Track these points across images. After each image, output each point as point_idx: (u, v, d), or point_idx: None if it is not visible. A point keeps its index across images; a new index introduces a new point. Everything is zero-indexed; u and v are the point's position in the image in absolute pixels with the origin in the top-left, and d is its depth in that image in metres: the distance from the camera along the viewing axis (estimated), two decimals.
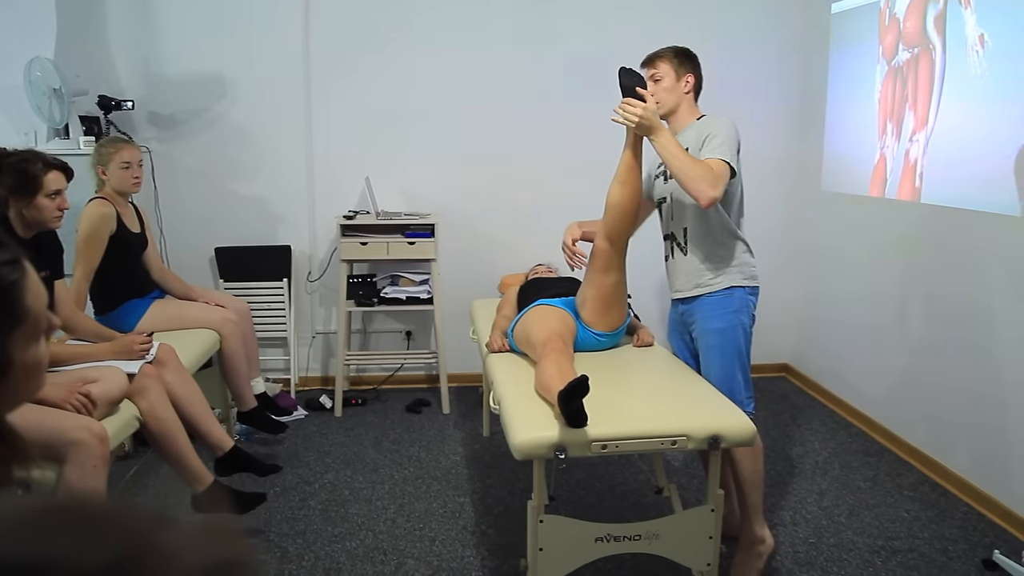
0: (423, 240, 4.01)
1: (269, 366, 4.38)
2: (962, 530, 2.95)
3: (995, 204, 3.00)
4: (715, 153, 2.38)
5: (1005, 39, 2.95)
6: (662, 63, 2.58)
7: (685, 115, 2.60)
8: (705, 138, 2.44)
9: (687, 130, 2.57)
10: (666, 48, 2.63)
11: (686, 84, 2.59)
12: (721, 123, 2.47)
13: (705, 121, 2.56)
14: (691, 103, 2.63)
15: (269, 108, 4.22)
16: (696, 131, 2.52)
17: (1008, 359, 2.88)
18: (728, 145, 2.40)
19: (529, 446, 2.03)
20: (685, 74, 2.59)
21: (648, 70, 2.60)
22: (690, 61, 2.61)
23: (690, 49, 2.64)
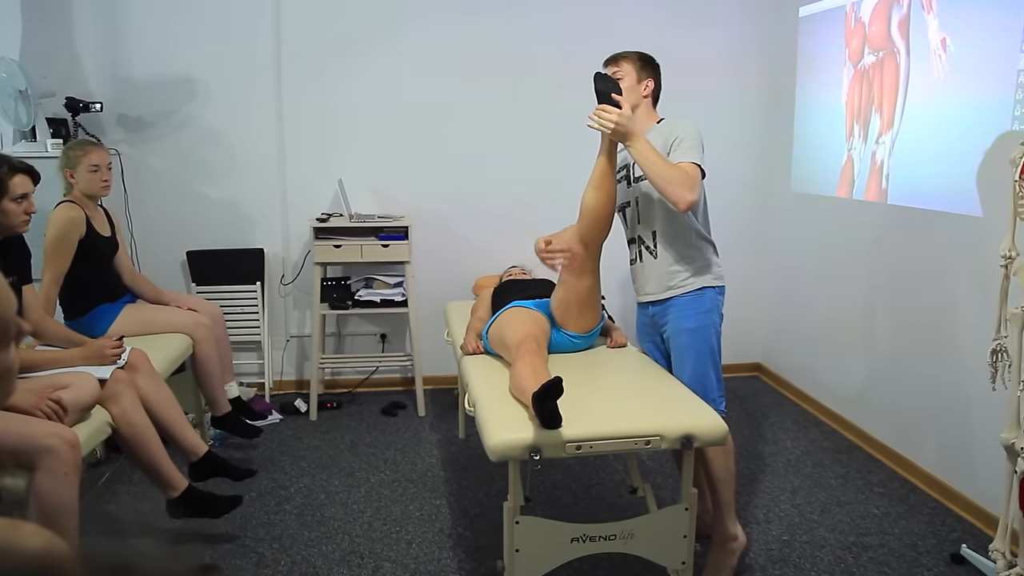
0: (397, 242, 4.01)
1: (243, 370, 4.35)
2: (931, 525, 3.00)
3: (959, 205, 3.06)
4: (686, 157, 2.41)
5: (966, 43, 3.02)
6: (625, 63, 2.61)
7: (644, 118, 2.61)
8: (672, 142, 2.46)
9: (647, 133, 2.55)
10: (630, 51, 2.66)
11: (646, 87, 2.62)
12: (685, 126, 2.49)
13: (667, 125, 2.58)
14: (649, 107, 2.65)
15: (240, 110, 4.19)
16: (659, 135, 2.53)
17: (970, 357, 2.93)
18: (696, 148, 2.43)
19: (504, 448, 2.04)
20: (646, 78, 2.62)
21: (610, 68, 2.62)
22: (652, 67, 2.64)
23: (652, 56, 2.67)
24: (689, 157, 2.40)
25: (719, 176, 4.43)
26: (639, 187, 2.60)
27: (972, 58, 2.99)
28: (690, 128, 2.48)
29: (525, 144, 4.41)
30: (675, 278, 2.58)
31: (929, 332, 3.28)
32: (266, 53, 4.16)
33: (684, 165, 2.38)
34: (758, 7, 4.47)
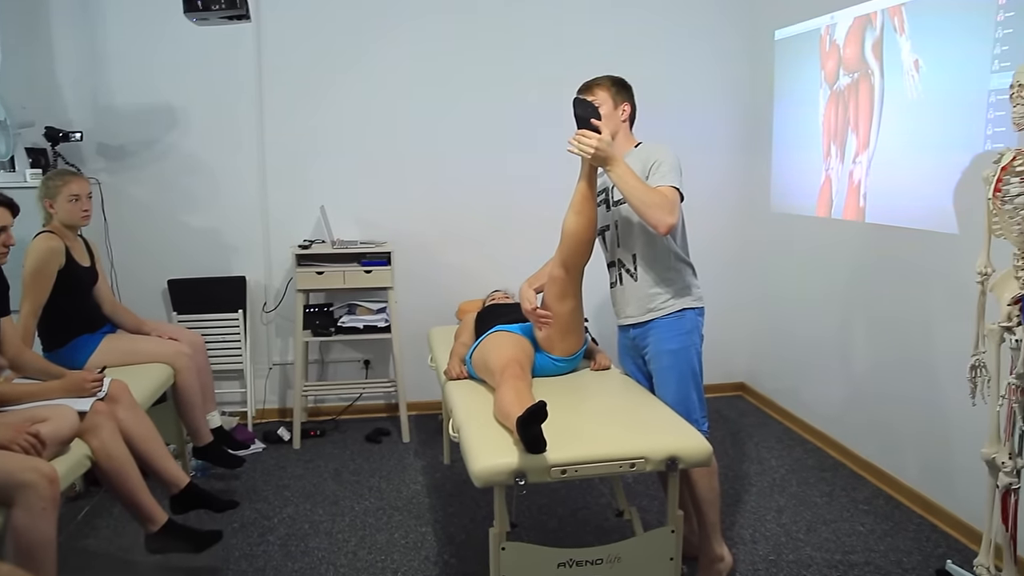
0: (380, 268, 4.00)
1: (225, 399, 4.31)
2: (916, 541, 3.01)
3: (935, 223, 3.10)
4: (665, 180, 2.43)
5: (938, 64, 3.07)
6: (600, 91, 2.62)
7: (622, 143, 2.61)
8: (651, 166, 2.48)
9: (626, 158, 2.55)
10: (603, 77, 2.67)
11: (623, 112, 2.64)
12: (663, 150, 2.51)
13: (645, 149, 2.59)
14: (627, 131, 2.67)
15: (221, 138, 4.19)
16: (637, 159, 2.53)
17: (950, 372, 2.95)
18: (675, 171, 2.45)
19: (489, 473, 2.03)
20: (622, 102, 2.63)
21: (586, 97, 2.61)
22: (626, 90, 2.66)
23: (625, 79, 2.69)
24: (668, 181, 2.42)
25: (700, 197, 4.47)
26: (619, 211, 2.62)
27: (944, 79, 3.04)
28: (668, 152, 2.50)
29: (507, 169, 4.43)
30: (655, 300, 2.60)
31: (909, 348, 3.30)
32: (247, 81, 4.17)
33: (663, 189, 2.40)
34: (735, 30, 4.53)
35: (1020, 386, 2.25)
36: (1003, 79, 2.67)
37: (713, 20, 4.51)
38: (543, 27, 4.36)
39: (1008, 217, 2.24)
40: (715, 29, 4.52)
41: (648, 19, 4.42)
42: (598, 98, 2.59)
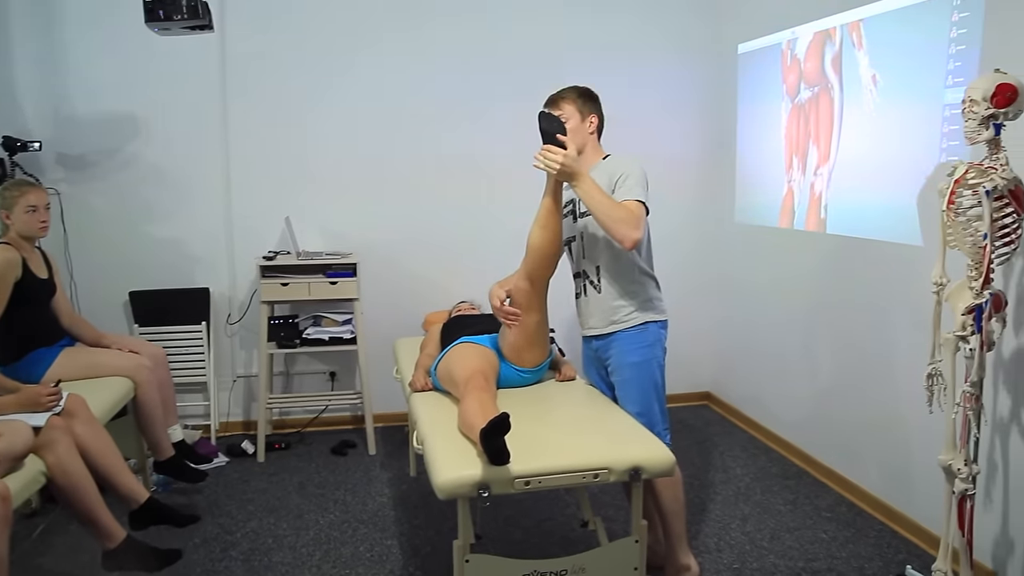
0: (345, 280, 3.98)
1: (188, 412, 4.25)
2: (877, 547, 3.05)
3: (894, 234, 3.16)
4: (631, 194, 2.43)
5: (895, 79, 3.14)
6: (566, 104, 2.61)
7: (590, 155, 2.62)
8: (617, 179, 2.48)
9: (593, 170, 2.57)
10: (568, 88, 2.66)
11: (590, 124, 2.63)
12: (630, 163, 2.51)
13: (612, 161, 2.60)
14: (595, 143, 2.67)
15: (185, 147, 4.15)
16: (604, 171, 2.54)
17: (909, 381, 2.99)
18: (641, 185, 2.46)
19: (452, 485, 2.02)
20: (589, 114, 2.63)
21: (552, 110, 2.61)
22: (593, 101, 2.65)
23: (591, 89, 2.68)
24: (634, 195, 2.43)
25: (665, 209, 4.51)
26: (585, 222, 2.62)
27: (901, 93, 3.11)
28: (635, 165, 2.50)
29: (474, 180, 4.44)
30: (618, 313, 2.60)
31: (870, 357, 3.35)
32: (212, 90, 4.13)
33: (629, 204, 2.41)
34: (699, 44, 4.59)
35: (974, 394, 2.30)
36: (956, 94, 2.74)
37: (678, 33, 4.57)
38: (511, 40, 4.38)
39: (961, 229, 2.28)
40: (680, 42, 4.58)
41: (614, 32, 4.46)
42: (564, 111, 2.59)
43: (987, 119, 2.18)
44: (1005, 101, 2.14)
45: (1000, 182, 2.17)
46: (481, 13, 4.34)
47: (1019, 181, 2.21)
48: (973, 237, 2.25)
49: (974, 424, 2.32)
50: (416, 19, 4.27)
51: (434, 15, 4.29)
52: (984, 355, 2.28)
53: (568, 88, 2.67)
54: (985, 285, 2.24)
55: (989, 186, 2.17)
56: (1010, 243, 2.24)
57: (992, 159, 2.22)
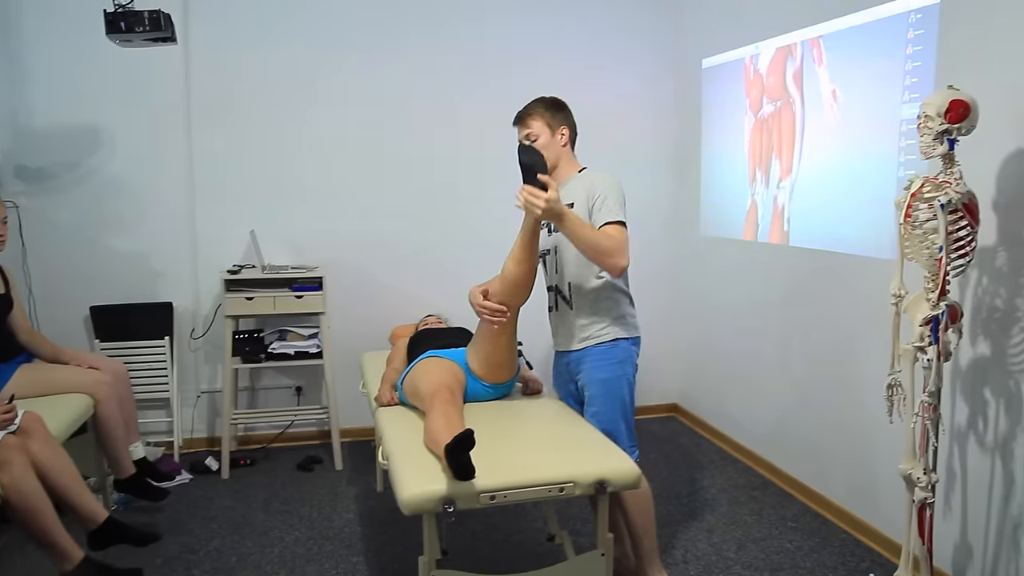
0: (311, 293, 3.95)
1: (151, 429, 4.19)
2: (841, 557, 3.08)
3: (856, 246, 3.21)
4: (611, 216, 2.42)
5: (854, 94, 3.20)
6: (534, 121, 2.59)
7: (566, 168, 2.61)
8: (595, 200, 2.46)
9: (570, 183, 2.56)
10: (535, 102, 2.63)
11: (562, 137, 2.61)
12: (606, 181, 2.49)
13: (588, 176, 2.57)
14: (569, 155, 2.65)
15: (148, 160, 4.10)
16: (580, 187, 2.52)
17: (871, 392, 3.04)
18: (619, 205, 2.45)
19: (417, 501, 2.01)
20: (559, 127, 2.60)
21: (521, 129, 2.60)
22: (561, 111, 2.62)
23: (559, 98, 2.65)
24: (614, 216, 2.42)
25: (631, 221, 4.54)
26: (559, 236, 2.57)
27: (860, 108, 3.17)
28: (612, 183, 2.48)
29: (442, 193, 4.44)
30: (589, 329, 2.60)
31: (834, 368, 3.40)
32: (175, 103, 4.09)
33: (611, 230, 2.40)
34: (664, 59, 4.65)
35: (932, 403, 2.33)
36: (913, 109, 2.80)
37: (644, 47, 4.62)
38: (477, 55, 4.40)
39: (918, 241, 2.33)
40: (646, 56, 4.63)
41: (579, 47, 4.50)
42: (533, 128, 2.57)
43: (941, 134, 2.23)
44: (958, 117, 2.19)
45: (954, 196, 2.22)
46: (448, 30, 4.35)
47: (972, 195, 2.26)
48: (929, 250, 2.29)
49: (932, 433, 2.35)
50: (383, 32, 4.28)
51: (404, 28, 4.30)
52: (941, 365, 2.32)
53: (534, 102, 2.64)
54: (941, 297, 2.29)
55: (944, 200, 2.22)
56: (965, 255, 2.29)
57: (947, 173, 2.26)
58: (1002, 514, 2.53)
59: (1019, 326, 2.43)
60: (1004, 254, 2.47)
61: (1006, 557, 2.52)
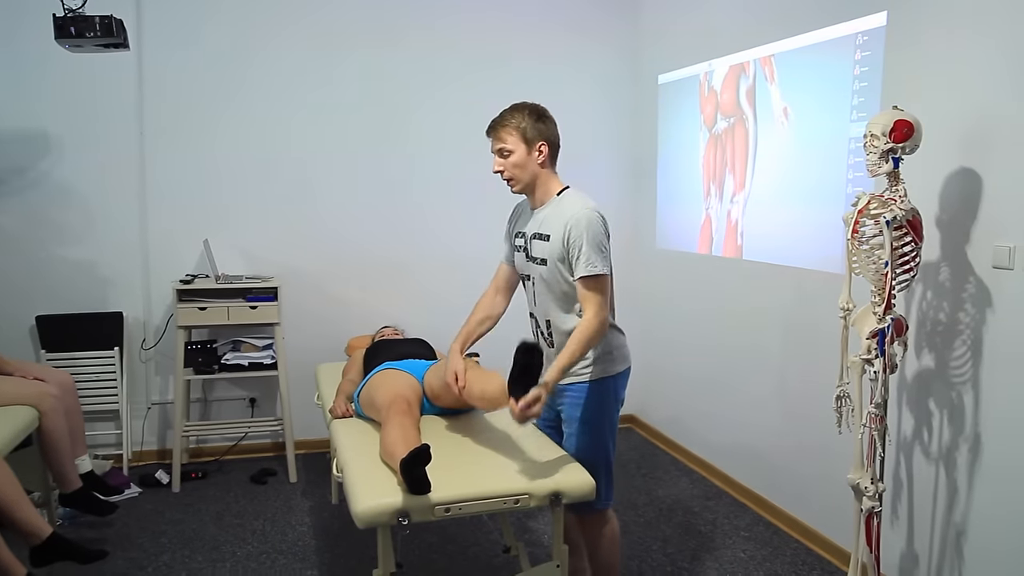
0: (266, 304, 3.90)
1: (99, 441, 4.09)
2: (792, 565, 3.13)
3: (807, 260, 3.28)
4: (587, 270, 2.22)
5: (804, 112, 3.27)
6: (509, 136, 2.29)
7: (545, 188, 2.36)
8: (570, 245, 2.24)
9: (547, 208, 2.34)
10: (513, 111, 2.32)
11: (539, 154, 2.31)
12: (583, 223, 2.22)
13: (567, 205, 2.30)
14: (548, 175, 2.36)
15: (99, 167, 4.02)
16: (557, 217, 2.28)
17: (821, 403, 3.10)
18: (597, 253, 2.22)
19: (371, 514, 1.99)
20: (537, 143, 2.30)
21: (494, 142, 2.33)
22: (542, 122, 2.32)
23: (540, 107, 2.36)
24: (591, 270, 2.21)
25: None
26: (538, 268, 2.37)
27: (810, 126, 3.24)
28: (588, 225, 2.22)
29: (399, 202, 4.42)
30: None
31: (786, 380, 3.46)
32: (127, 108, 4.02)
33: (585, 294, 2.23)
34: (622, 74, 4.71)
35: (879, 414, 2.39)
36: (861, 128, 2.86)
37: (601, 62, 4.67)
38: (431, 66, 4.40)
39: (865, 256, 2.39)
40: (603, 71, 4.68)
41: (535, 62, 4.53)
42: (508, 143, 2.29)
43: (887, 153, 2.29)
44: (902, 136, 2.26)
45: (899, 212, 2.28)
46: (400, 39, 4.35)
47: (916, 212, 2.33)
48: (876, 265, 2.36)
49: (879, 444, 2.41)
50: (337, 40, 4.26)
51: (357, 36, 4.29)
52: (887, 377, 2.38)
53: (512, 111, 2.33)
54: (887, 310, 2.35)
55: (889, 216, 2.28)
56: (909, 270, 2.36)
57: (892, 191, 2.33)
58: (946, 522, 2.60)
59: (961, 339, 2.51)
60: (947, 269, 2.55)
61: (950, 564, 2.59)
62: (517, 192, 2.39)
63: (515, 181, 2.34)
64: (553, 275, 2.33)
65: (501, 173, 2.34)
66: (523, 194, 2.41)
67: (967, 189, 2.46)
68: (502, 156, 2.32)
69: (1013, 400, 2.34)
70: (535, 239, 2.36)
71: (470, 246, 4.46)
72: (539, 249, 2.35)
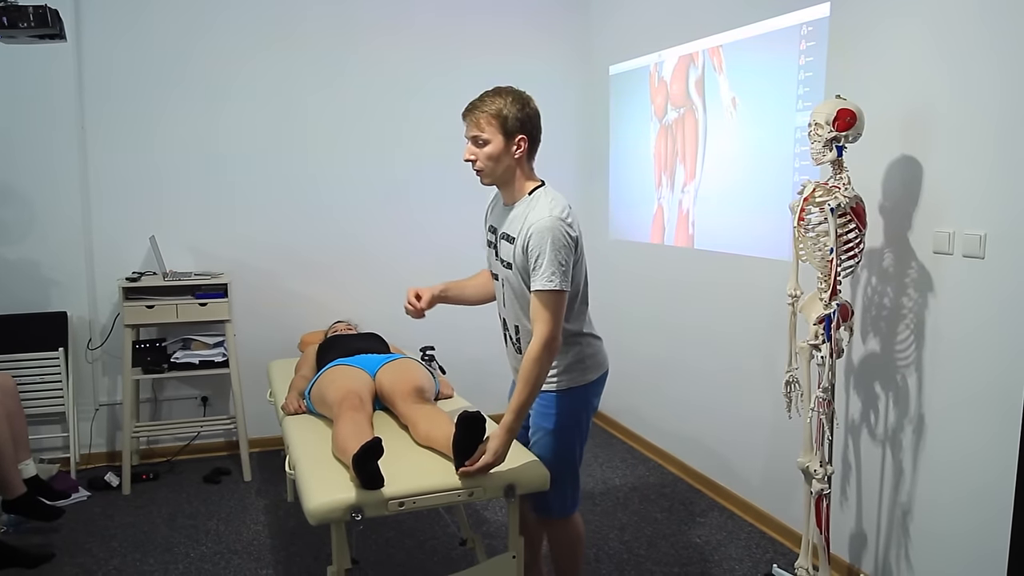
0: (216, 300, 3.83)
1: (44, 445, 3.98)
2: (747, 549, 3.18)
3: (756, 248, 3.32)
4: (542, 285, 2.06)
5: (752, 102, 3.31)
6: (488, 124, 2.12)
7: (518, 185, 2.20)
8: (529, 252, 2.10)
9: (520, 205, 2.19)
10: (494, 96, 2.15)
11: (517, 148, 2.15)
12: (545, 232, 2.07)
13: (534, 211, 2.13)
14: (524, 170, 2.20)
15: (38, 163, 3.89)
16: (523, 218, 2.14)
17: (774, 390, 3.16)
18: (553, 267, 2.06)
19: (324, 510, 1.98)
20: (517, 136, 2.14)
21: (469, 128, 2.16)
22: (524, 114, 2.15)
23: (525, 95, 2.20)
24: (545, 285, 2.06)
25: None
26: (505, 272, 2.24)
27: (758, 116, 3.29)
28: (549, 235, 2.07)
29: (351, 195, 4.38)
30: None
31: (738, 366, 3.51)
32: (67, 102, 3.90)
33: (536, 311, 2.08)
34: (573, 65, 4.71)
35: (827, 399, 2.44)
36: (806, 117, 2.89)
37: (552, 53, 4.67)
38: (378, 58, 4.36)
39: (811, 244, 2.43)
40: (554, 62, 4.68)
41: (485, 52, 4.51)
42: (485, 133, 2.12)
43: (830, 141, 2.33)
44: (845, 125, 2.30)
45: (843, 200, 2.33)
46: (347, 33, 4.30)
47: (860, 199, 2.38)
48: (821, 251, 2.40)
49: (827, 427, 2.46)
50: (285, 29, 4.19)
51: (306, 25, 4.22)
52: (834, 362, 2.43)
53: (493, 95, 2.15)
54: (833, 296, 2.39)
55: (833, 204, 2.32)
56: (854, 257, 2.40)
57: (836, 179, 2.37)
58: (892, 502, 2.66)
59: (904, 323, 2.57)
60: (890, 255, 2.60)
61: (897, 542, 2.65)
62: (486, 184, 2.23)
63: (486, 174, 2.17)
64: (517, 281, 2.19)
65: (472, 162, 2.16)
66: (493, 186, 2.26)
67: (908, 176, 2.52)
68: (476, 144, 2.14)
69: (954, 382, 2.41)
70: (503, 240, 2.23)
71: (423, 241, 4.44)
72: (506, 251, 2.21)
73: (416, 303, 2.38)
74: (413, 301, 2.39)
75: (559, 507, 2.34)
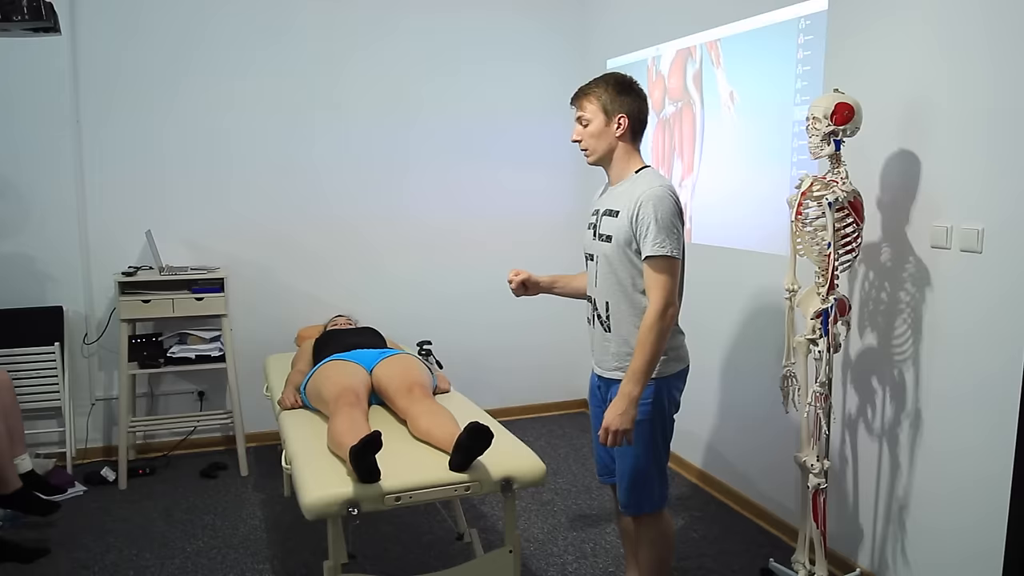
0: (212, 295, 3.82)
1: (40, 440, 3.97)
2: (744, 543, 3.19)
3: (754, 243, 3.32)
4: (654, 250, 2.09)
5: (750, 96, 3.31)
6: (589, 103, 2.23)
7: (622, 164, 2.25)
8: (638, 223, 2.13)
9: (622, 185, 2.23)
10: (596, 82, 2.26)
11: (619, 127, 2.21)
12: (656, 202, 2.10)
13: (641, 187, 2.15)
14: (627, 150, 2.25)
15: (33, 158, 3.88)
16: (629, 194, 2.17)
17: (772, 385, 3.16)
18: (666, 233, 2.09)
19: (320, 505, 1.97)
20: (617, 114, 2.20)
21: (576, 110, 2.28)
22: (626, 95, 2.22)
23: (628, 79, 2.27)
24: (658, 251, 2.08)
25: (538, 220, 4.57)
26: (603, 246, 2.26)
27: (756, 110, 3.28)
28: (659, 203, 2.10)
29: (347, 189, 4.36)
30: (625, 360, 2.22)
31: (738, 361, 3.51)
32: (63, 95, 3.88)
33: (650, 272, 2.11)
34: (571, 58, 4.69)
35: (824, 393, 2.44)
36: (804, 111, 2.89)
37: (550, 46, 4.66)
38: (376, 52, 4.34)
39: (808, 238, 2.43)
40: (552, 55, 4.67)
41: (483, 47, 4.50)
42: (587, 112, 2.23)
43: (828, 135, 2.33)
44: (843, 119, 2.30)
45: (841, 194, 2.32)
46: (342, 24, 4.28)
47: (858, 193, 2.37)
48: (819, 246, 2.40)
49: (824, 422, 2.46)
50: (278, 24, 4.17)
51: (298, 20, 4.20)
52: (831, 356, 2.43)
53: (595, 81, 2.27)
54: (830, 291, 2.39)
55: (831, 198, 2.32)
56: (851, 251, 2.40)
57: (834, 173, 2.37)
58: (889, 496, 2.66)
59: (901, 318, 2.57)
60: (888, 249, 2.60)
61: (893, 536, 2.65)
62: (592, 163, 2.31)
63: (590, 151, 2.26)
64: (617, 254, 2.20)
65: (579, 142, 2.28)
66: (599, 165, 2.30)
67: (906, 171, 2.51)
68: (581, 124, 2.26)
69: (952, 377, 2.41)
70: (606, 215, 2.25)
71: (423, 233, 4.43)
72: (607, 225, 2.23)
73: (514, 277, 2.49)
74: (513, 278, 2.49)
75: (648, 503, 2.29)
